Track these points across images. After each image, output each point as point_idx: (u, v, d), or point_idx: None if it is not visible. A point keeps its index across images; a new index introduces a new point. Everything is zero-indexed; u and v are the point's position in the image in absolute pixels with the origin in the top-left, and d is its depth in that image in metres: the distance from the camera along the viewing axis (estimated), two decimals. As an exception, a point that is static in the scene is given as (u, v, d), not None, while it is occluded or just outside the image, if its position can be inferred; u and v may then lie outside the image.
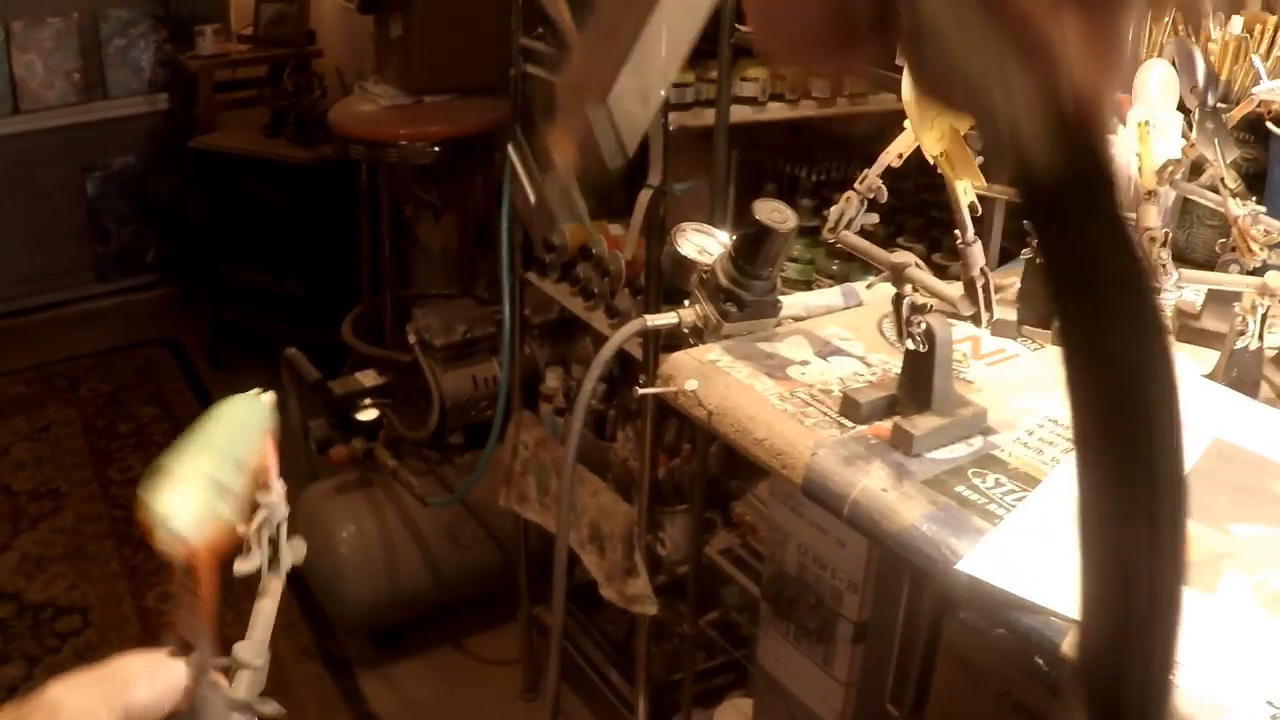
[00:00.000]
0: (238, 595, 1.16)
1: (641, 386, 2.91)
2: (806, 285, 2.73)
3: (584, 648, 3.77)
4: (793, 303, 1.81)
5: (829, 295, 1.90)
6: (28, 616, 4.47)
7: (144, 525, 1.03)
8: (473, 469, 3.95)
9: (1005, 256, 2.15)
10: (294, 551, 1.25)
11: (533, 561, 3.87)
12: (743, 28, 2.61)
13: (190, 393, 6.14)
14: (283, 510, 1.22)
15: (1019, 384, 1.66)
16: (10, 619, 4.45)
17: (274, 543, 1.22)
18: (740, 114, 2.80)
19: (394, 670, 4.14)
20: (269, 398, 1.23)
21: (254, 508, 1.17)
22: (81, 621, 4.45)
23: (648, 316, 1.71)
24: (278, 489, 1.20)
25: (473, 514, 4.15)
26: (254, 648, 1.14)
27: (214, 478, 1.07)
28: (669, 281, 1.89)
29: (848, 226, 1.63)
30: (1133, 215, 1.71)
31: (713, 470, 3.12)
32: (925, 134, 1.36)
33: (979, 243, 1.43)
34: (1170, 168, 1.68)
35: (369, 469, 4.22)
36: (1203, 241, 2.14)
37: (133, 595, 4.57)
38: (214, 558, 1.11)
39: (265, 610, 1.21)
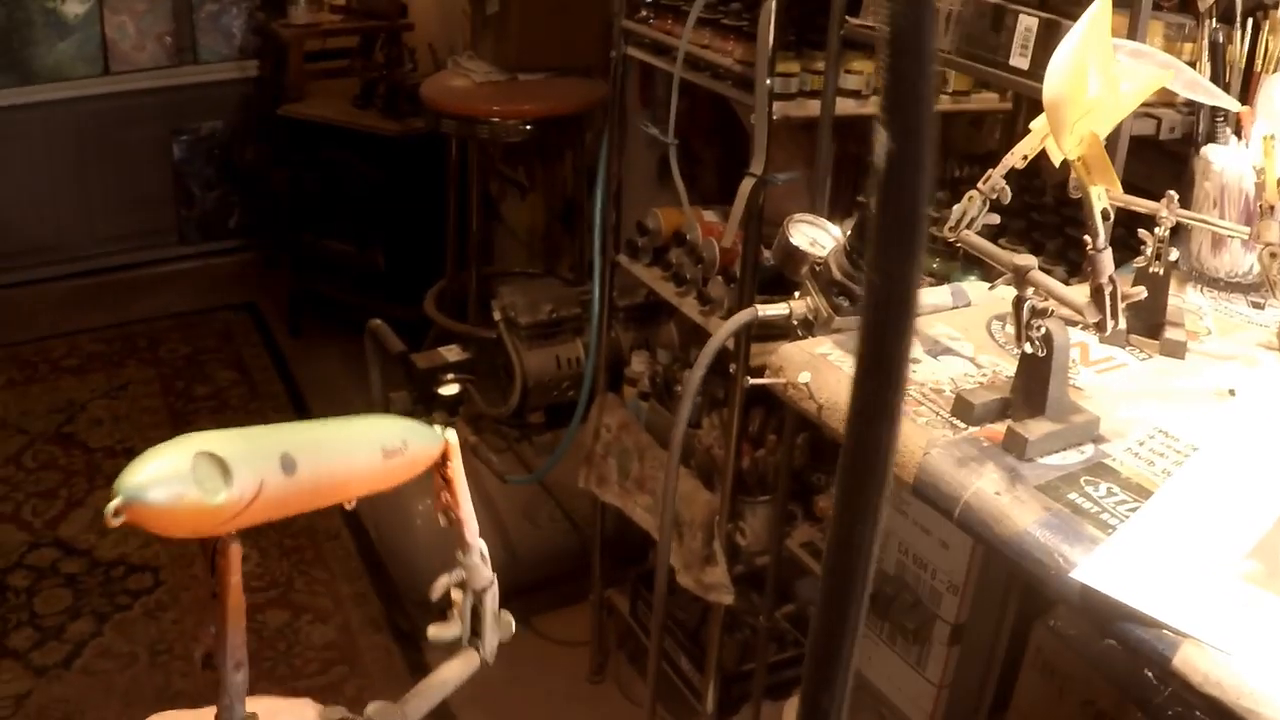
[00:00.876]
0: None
1: (733, 375, 2.92)
2: (906, 283, 2.71)
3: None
4: (902, 300, 1.80)
5: (938, 294, 1.89)
6: (99, 573, 4.51)
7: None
8: (551, 449, 3.96)
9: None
10: (501, 628, 1.19)
11: (607, 545, 3.88)
12: (852, 20, 2.60)
13: (268, 358, 6.18)
14: (487, 575, 1.16)
15: (1127, 393, 1.65)
16: (81, 575, 4.49)
17: (477, 613, 1.16)
18: (844, 106, 2.79)
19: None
20: (451, 435, 1.19)
21: (452, 567, 1.13)
22: (153, 580, 4.48)
23: (759, 306, 1.71)
24: (478, 548, 1.15)
25: (550, 494, 4.16)
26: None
27: (210, 453, 1.03)
28: (776, 271, 1.89)
29: (969, 226, 1.62)
30: (1247, 230, 1.70)
31: (798, 462, 3.11)
32: (1065, 137, 1.34)
33: (1109, 250, 1.42)
34: (1289, 182, 1.67)
35: (448, 444, 4.23)
36: (1312, 257, 2.12)
37: (204, 556, 4.59)
38: (208, 548, 1.07)
39: (443, 680, 1.15)
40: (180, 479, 0.99)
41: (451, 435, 1.24)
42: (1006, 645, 1.93)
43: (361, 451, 1.22)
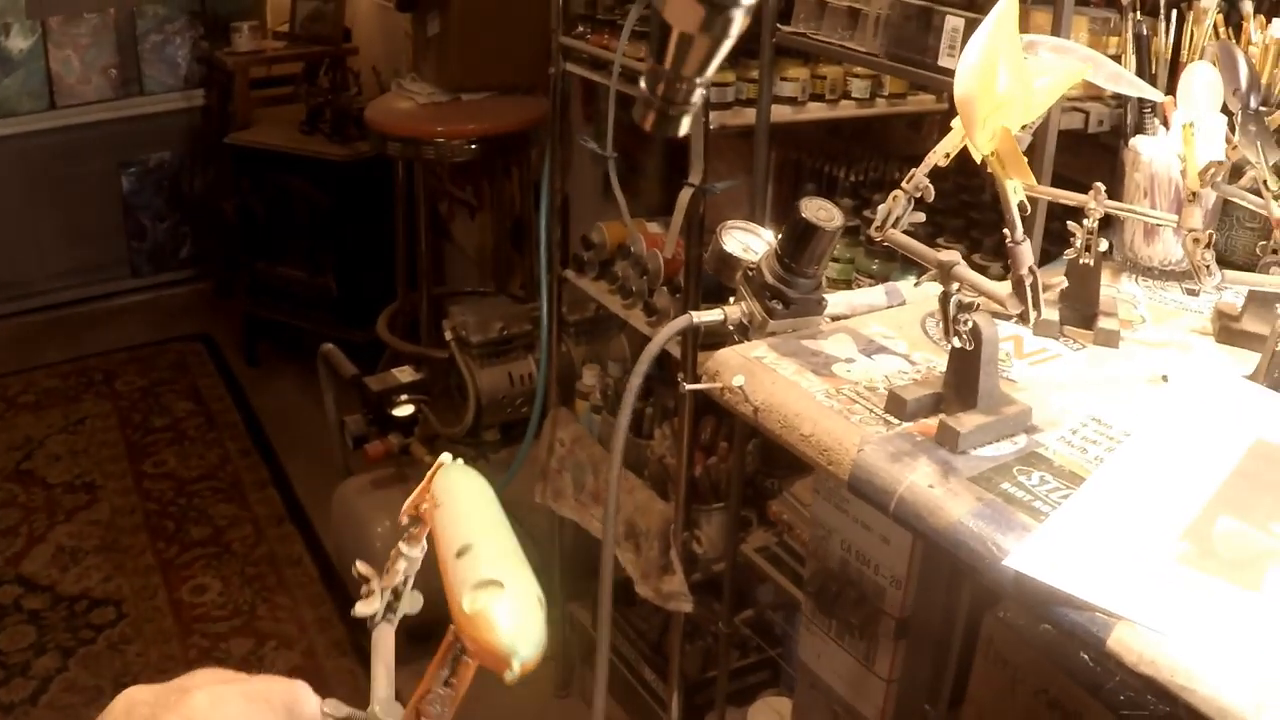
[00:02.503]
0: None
1: (681, 383, 2.93)
2: (846, 284, 2.73)
3: (618, 645, 3.78)
4: (837, 301, 1.82)
5: (872, 294, 1.91)
6: (62, 608, 4.50)
7: (478, 646, 0.99)
8: (508, 465, 3.97)
9: (1045, 257, 2.16)
10: (411, 602, 1.23)
11: (567, 558, 3.89)
12: (784, 28, 2.62)
13: (224, 388, 6.18)
14: (418, 566, 1.20)
15: (1061, 383, 1.67)
16: (44, 611, 4.48)
17: (396, 592, 1.20)
18: (780, 114, 2.80)
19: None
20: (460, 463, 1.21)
21: (395, 556, 1.16)
22: (116, 614, 4.48)
23: (694, 313, 1.71)
24: (424, 546, 1.19)
25: (508, 510, 4.16)
26: (390, 708, 1.11)
27: (539, 595, 1.04)
28: (713, 279, 1.90)
29: (895, 225, 1.64)
30: (1175, 218, 1.72)
31: (749, 468, 3.13)
32: (977, 133, 1.36)
33: (1028, 241, 1.44)
34: (1212, 170, 1.69)
35: (404, 464, 4.24)
36: (1242, 244, 2.15)
37: (166, 588, 4.60)
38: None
39: (386, 663, 1.18)
40: (541, 624, 1.02)
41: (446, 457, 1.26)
42: (962, 637, 1.94)
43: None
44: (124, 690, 0.90)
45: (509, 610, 1.01)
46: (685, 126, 1.16)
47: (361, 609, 1.15)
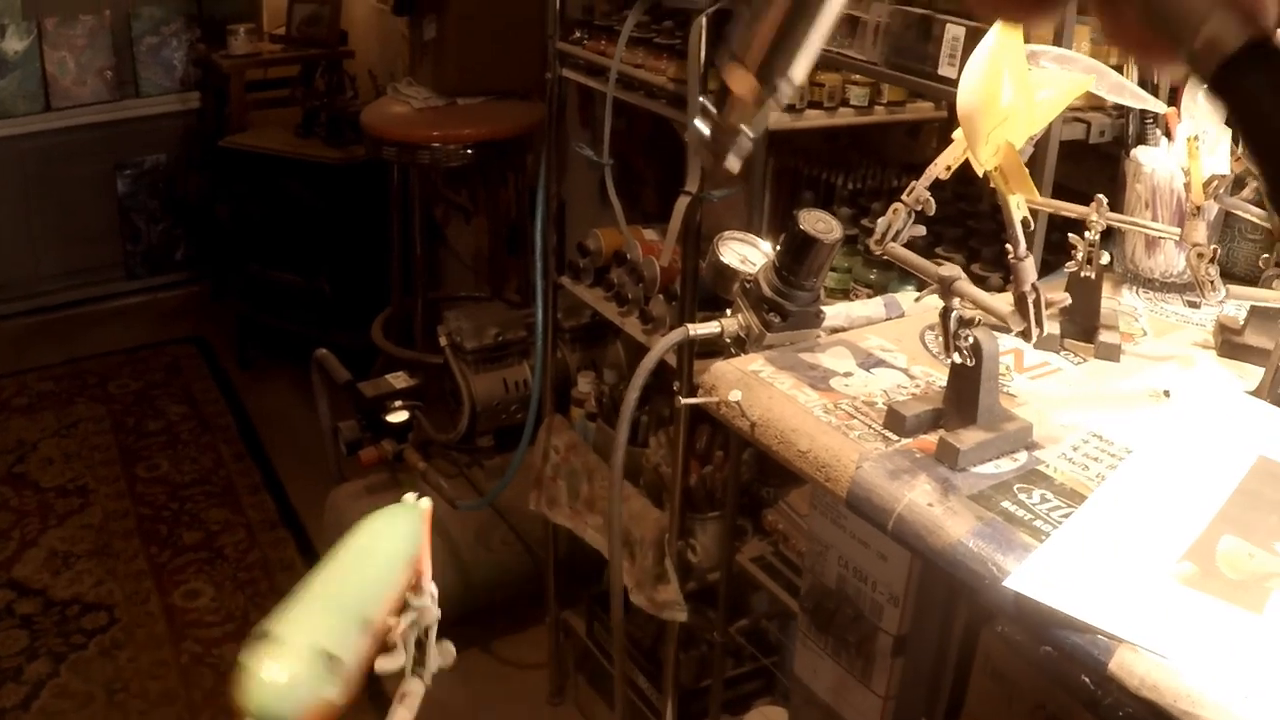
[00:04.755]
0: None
1: (677, 394, 2.91)
2: (844, 295, 2.72)
3: (612, 653, 3.76)
4: (835, 313, 1.81)
5: (871, 306, 1.90)
6: (54, 613, 4.48)
7: (235, 703, 0.97)
8: (502, 472, 3.95)
9: (1045, 268, 2.14)
10: (443, 655, 1.20)
11: (561, 566, 3.87)
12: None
13: (218, 391, 6.16)
14: (434, 613, 1.17)
15: (1062, 398, 1.65)
16: (36, 615, 4.46)
17: (421, 645, 1.17)
18: (778, 120, 2.78)
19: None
20: (425, 504, 1.18)
21: (402, 607, 1.13)
22: (108, 619, 4.45)
23: (690, 326, 1.70)
24: (430, 591, 1.16)
25: (502, 518, 4.15)
26: None
27: (326, 651, 1.00)
28: (710, 290, 1.89)
29: (895, 238, 1.62)
30: (1178, 231, 1.71)
31: (745, 477, 3.11)
32: (981, 147, 1.35)
33: (1031, 258, 1.42)
34: (1215, 182, 1.67)
35: (398, 470, 4.22)
36: (1244, 255, 2.13)
37: (159, 592, 4.58)
38: None
39: (402, 716, 1.15)
40: (308, 685, 0.98)
41: (425, 503, 1.22)
42: (958, 652, 1.93)
43: (398, 574, 1.20)
44: None
45: (265, 662, 0.98)
46: (736, 166, 1.14)
47: (382, 665, 1.11)
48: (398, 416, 4.09)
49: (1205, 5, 0.49)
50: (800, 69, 0.89)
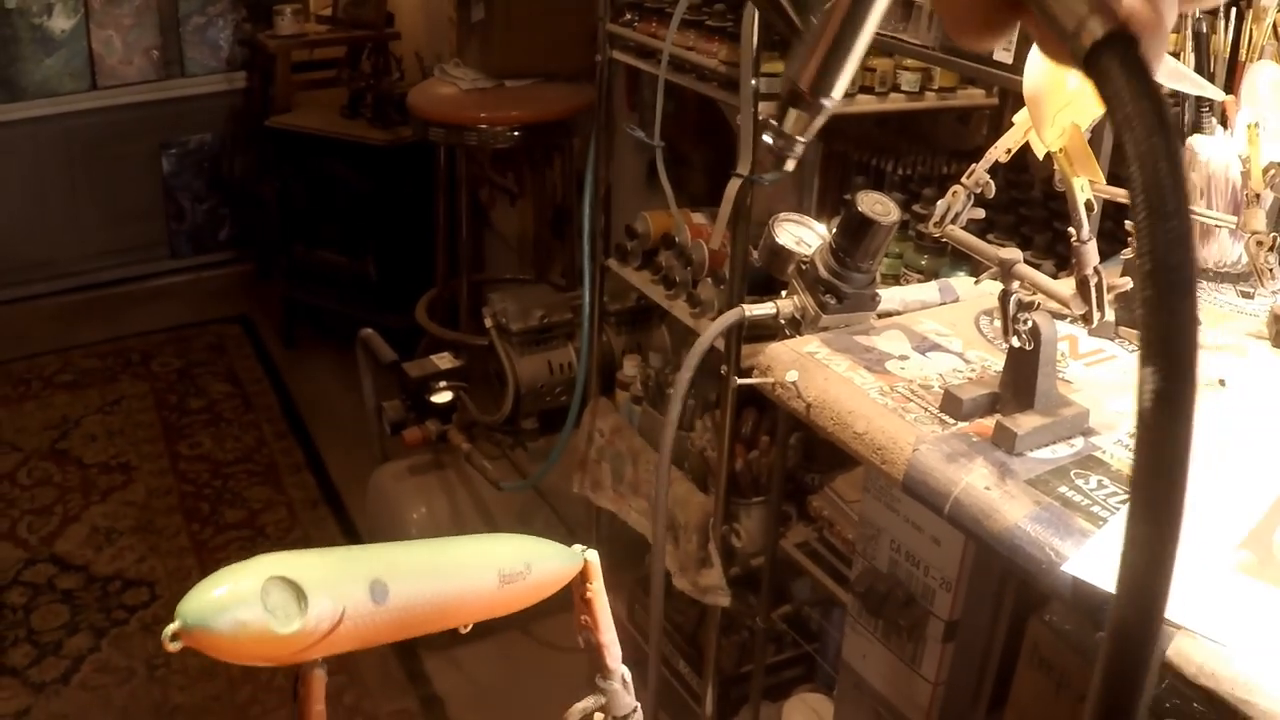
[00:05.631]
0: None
1: (725, 376, 2.91)
2: (895, 279, 2.71)
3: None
4: (890, 297, 1.80)
5: (926, 290, 1.89)
6: (95, 589, 4.50)
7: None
8: (546, 454, 3.96)
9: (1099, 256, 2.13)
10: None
11: (604, 549, 3.86)
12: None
13: (261, 370, 6.17)
14: (628, 703, 1.15)
15: (1117, 385, 1.65)
16: (78, 590, 4.48)
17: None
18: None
19: (460, 652, 4.14)
20: (592, 556, 1.17)
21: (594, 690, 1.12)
22: (149, 595, 4.47)
23: (746, 306, 1.70)
24: (619, 674, 1.13)
25: (545, 500, 4.15)
26: None
27: (283, 579, 0.99)
28: (764, 271, 1.88)
29: (954, 221, 1.61)
30: (1234, 219, 1.70)
31: (790, 463, 3.10)
32: (1046, 130, 1.34)
33: (1094, 241, 1.42)
34: (1274, 170, 1.66)
35: (442, 451, 4.23)
36: (1300, 246, 2.12)
37: (201, 569, 4.59)
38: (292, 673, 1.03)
39: None
40: (247, 605, 0.96)
41: (592, 556, 1.21)
42: (1004, 641, 1.92)
43: (472, 576, 1.19)
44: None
45: (200, 586, 0.97)
46: (792, 165, 1.23)
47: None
48: (442, 397, 4.09)
49: (1083, 8, 0.59)
50: (840, 88, 1.06)
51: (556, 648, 4.14)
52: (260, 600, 0.97)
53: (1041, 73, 1.32)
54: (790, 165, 1.31)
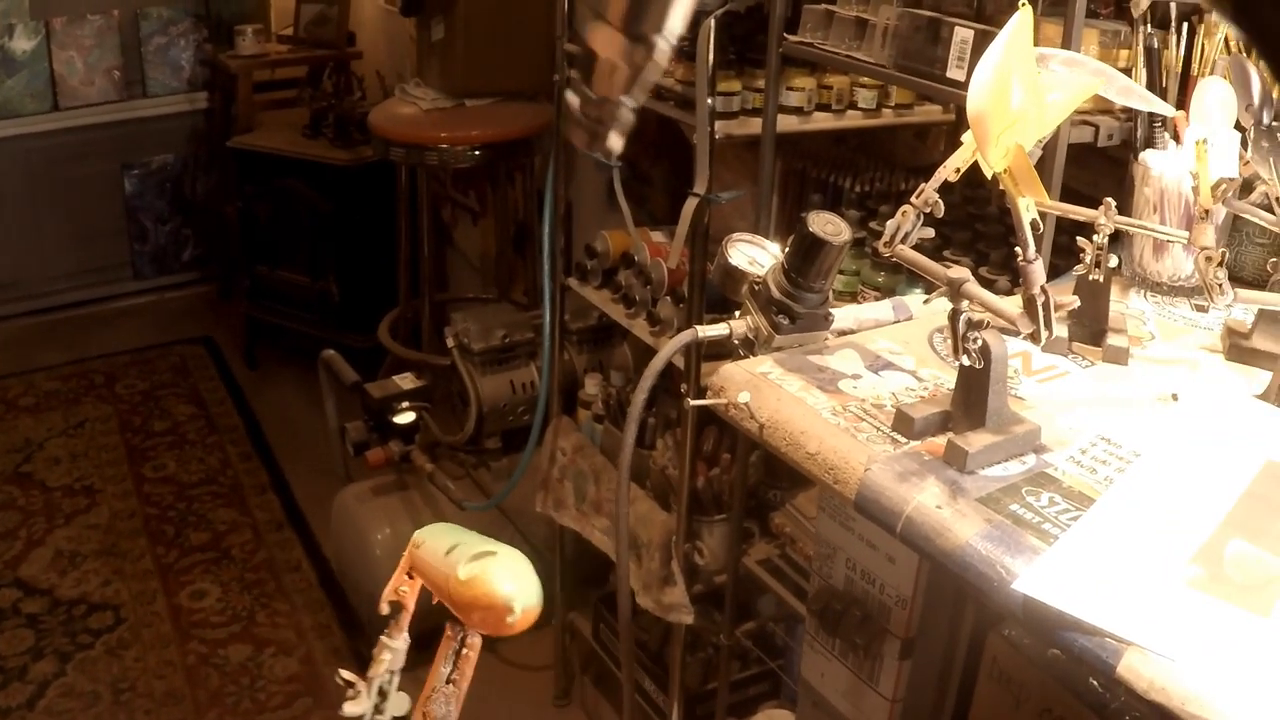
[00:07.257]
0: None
1: (684, 396, 2.91)
2: (852, 297, 2.72)
3: (618, 655, 3.76)
4: (844, 316, 1.80)
5: (880, 308, 1.89)
6: (60, 613, 4.48)
7: (479, 606, 1.06)
8: (509, 474, 3.96)
9: (1053, 271, 2.14)
10: (398, 704, 1.24)
11: (567, 568, 3.87)
12: (790, 37, 2.61)
13: (225, 391, 6.16)
14: (403, 659, 1.22)
15: (1070, 401, 1.65)
16: (42, 615, 4.47)
17: (383, 691, 1.22)
18: (786, 123, 2.79)
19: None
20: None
21: (380, 648, 1.17)
22: (114, 618, 4.46)
23: (699, 327, 1.70)
24: (406, 639, 1.20)
25: (509, 519, 4.15)
26: None
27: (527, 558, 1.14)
28: (718, 292, 1.88)
29: (904, 240, 1.62)
30: (1186, 234, 1.71)
31: (752, 480, 3.11)
32: (990, 150, 1.35)
33: (1040, 260, 1.42)
34: (1223, 186, 1.67)
35: (405, 472, 4.23)
36: (1251, 259, 2.13)
37: (165, 593, 4.58)
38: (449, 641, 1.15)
39: None
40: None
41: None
42: (964, 656, 1.93)
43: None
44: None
45: (502, 566, 1.06)
46: (618, 144, 1.10)
47: (350, 709, 1.14)
48: (405, 418, 4.10)
49: None
50: (677, 19, 0.86)
51: (522, 667, 4.14)
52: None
53: (985, 93, 1.32)
54: (615, 142, 1.22)
